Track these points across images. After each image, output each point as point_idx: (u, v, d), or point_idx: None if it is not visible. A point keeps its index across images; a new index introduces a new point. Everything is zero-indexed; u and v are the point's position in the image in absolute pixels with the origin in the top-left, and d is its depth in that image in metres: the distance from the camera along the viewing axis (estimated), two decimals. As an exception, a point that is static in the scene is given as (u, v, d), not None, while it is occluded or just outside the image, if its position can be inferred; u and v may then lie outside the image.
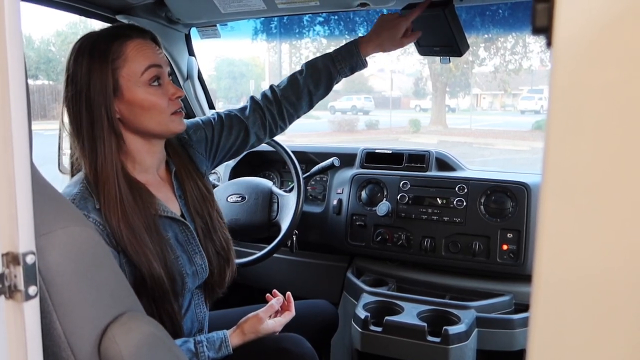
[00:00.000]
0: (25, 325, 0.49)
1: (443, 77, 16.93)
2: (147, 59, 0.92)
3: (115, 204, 0.87)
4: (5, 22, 0.45)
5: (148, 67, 0.91)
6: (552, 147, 0.31)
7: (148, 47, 0.93)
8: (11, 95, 0.46)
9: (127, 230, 0.87)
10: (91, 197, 0.87)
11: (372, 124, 16.81)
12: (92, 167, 0.88)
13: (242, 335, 1.03)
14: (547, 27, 0.30)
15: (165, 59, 0.97)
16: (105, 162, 0.88)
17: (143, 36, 0.94)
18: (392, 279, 1.45)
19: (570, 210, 0.31)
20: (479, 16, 1.47)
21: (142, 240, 0.88)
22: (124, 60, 0.90)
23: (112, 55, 0.90)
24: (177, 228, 0.98)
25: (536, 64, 19.64)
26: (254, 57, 27.64)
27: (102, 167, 0.88)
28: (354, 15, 1.58)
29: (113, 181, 0.88)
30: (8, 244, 0.48)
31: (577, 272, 0.31)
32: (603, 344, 0.31)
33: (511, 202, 1.35)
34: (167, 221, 0.97)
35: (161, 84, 0.94)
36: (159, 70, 0.93)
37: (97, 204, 0.87)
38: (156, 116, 0.93)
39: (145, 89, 0.91)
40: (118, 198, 0.88)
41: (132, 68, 0.91)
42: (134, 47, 0.91)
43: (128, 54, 0.91)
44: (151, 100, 0.92)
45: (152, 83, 0.92)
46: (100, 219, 0.87)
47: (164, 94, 0.93)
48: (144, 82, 0.91)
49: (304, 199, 1.42)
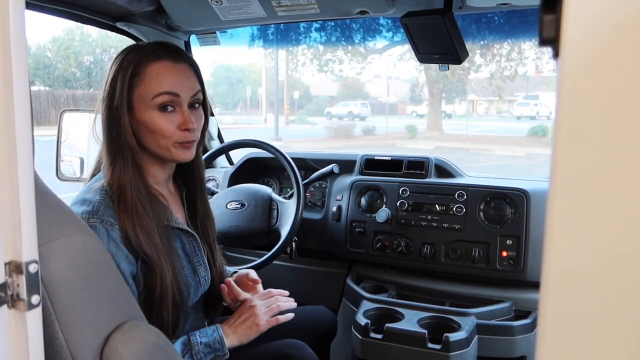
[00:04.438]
0: (27, 334, 0.48)
1: (439, 83, 17.03)
2: (164, 84, 0.91)
3: (133, 210, 0.88)
4: (10, 32, 0.45)
5: (161, 93, 0.91)
6: (560, 155, 0.31)
7: (172, 72, 0.92)
8: (15, 103, 0.46)
9: (143, 235, 0.88)
10: (113, 204, 0.89)
11: (369, 129, 16.87)
12: (113, 174, 0.90)
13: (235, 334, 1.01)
14: (554, 38, 0.31)
15: (192, 85, 0.94)
16: (124, 171, 0.90)
17: (175, 59, 0.93)
18: (391, 286, 1.44)
19: (578, 216, 0.31)
20: (475, 23, 1.48)
21: (157, 245, 0.90)
22: (141, 79, 0.91)
23: (134, 72, 0.91)
24: (185, 239, 1.00)
25: (531, 71, 19.79)
26: (251, 63, 27.74)
27: (120, 174, 0.90)
28: (351, 22, 1.59)
29: (130, 188, 0.89)
30: (11, 253, 0.48)
31: (586, 278, 0.32)
32: (613, 351, 0.31)
33: (510, 208, 1.35)
34: (176, 232, 0.98)
35: (175, 110, 0.93)
36: (173, 98, 0.92)
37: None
38: (159, 140, 0.92)
39: (153, 112, 0.91)
40: (135, 204, 0.89)
41: (145, 89, 0.91)
42: (156, 69, 0.91)
43: (147, 74, 0.91)
44: (156, 125, 0.91)
45: (163, 108, 0.91)
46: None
47: (172, 122, 0.92)
48: (154, 106, 0.91)
49: (303, 205, 1.42)
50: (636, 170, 0.29)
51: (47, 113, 13.82)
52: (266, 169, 1.84)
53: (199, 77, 0.98)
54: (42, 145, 1.98)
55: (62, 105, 13.58)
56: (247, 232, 1.47)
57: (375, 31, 1.65)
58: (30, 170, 0.48)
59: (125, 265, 0.86)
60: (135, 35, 1.47)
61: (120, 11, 1.35)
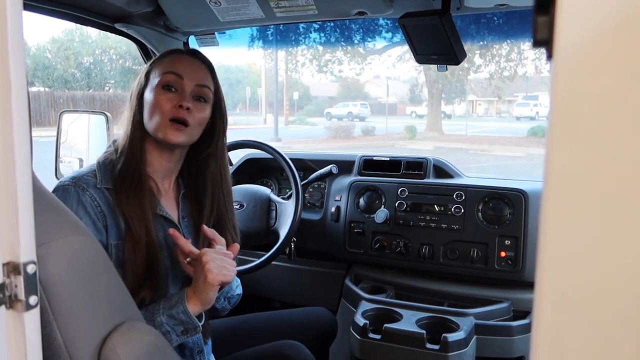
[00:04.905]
0: (25, 335, 0.48)
1: (439, 83, 17.04)
2: (172, 66, 0.98)
3: (130, 183, 0.93)
4: (8, 33, 0.45)
5: (167, 72, 0.97)
6: (554, 156, 0.32)
7: (185, 60, 1.00)
8: (13, 104, 0.47)
9: (136, 205, 0.92)
10: (95, 178, 0.93)
11: (368, 130, 16.88)
12: (122, 146, 0.97)
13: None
14: (547, 40, 0.31)
15: (200, 76, 1.00)
16: (131, 145, 0.97)
17: (193, 55, 1.03)
18: (390, 286, 1.44)
19: (572, 216, 0.32)
20: (474, 24, 1.48)
21: (147, 217, 0.93)
22: (158, 64, 1.00)
23: (157, 61, 1.01)
24: (167, 229, 0.97)
25: (531, 71, 19.81)
26: (250, 64, 27.76)
27: (127, 148, 0.97)
28: (350, 22, 1.59)
29: (132, 164, 0.95)
30: (9, 254, 0.48)
31: (580, 279, 0.32)
32: (606, 352, 0.31)
33: (509, 208, 1.35)
34: (160, 220, 0.98)
35: (177, 92, 0.97)
36: (177, 79, 0.97)
37: (100, 184, 0.92)
38: (155, 117, 0.96)
39: (157, 89, 0.97)
40: (133, 179, 0.94)
41: (157, 70, 0.99)
42: (173, 57, 1.01)
43: (164, 61, 1.00)
44: (156, 100, 0.96)
45: (166, 87, 0.97)
46: (97, 195, 0.91)
47: (170, 100, 0.96)
48: (159, 84, 0.97)
49: (302, 206, 1.42)
50: (629, 171, 0.30)
51: (46, 114, 13.83)
52: (265, 169, 1.84)
53: (214, 78, 1.04)
54: (42, 146, 1.98)
55: (62, 106, 13.59)
56: (246, 232, 1.47)
57: (374, 32, 1.65)
58: (28, 171, 0.48)
59: (91, 230, 0.88)
60: (133, 37, 1.47)
61: (119, 12, 1.35)
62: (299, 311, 1.38)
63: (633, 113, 0.29)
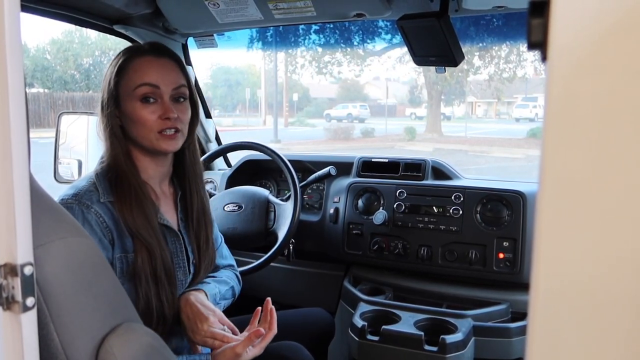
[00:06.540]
0: (22, 336, 0.48)
1: (438, 85, 17.05)
2: (145, 76, 0.95)
3: (130, 196, 0.93)
4: (6, 34, 0.46)
5: (141, 84, 0.95)
6: (549, 157, 0.32)
7: (153, 66, 0.96)
8: (10, 105, 0.47)
9: (141, 216, 0.92)
10: (97, 191, 0.92)
11: (368, 131, 16.89)
12: (109, 162, 0.96)
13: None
14: (542, 42, 0.31)
15: (174, 79, 0.98)
16: (117, 161, 0.95)
17: (158, 54, 0.98)
18: (388, 288, 1.44)
19: (567, 218, 0.32)
20: (473, 25, 1.49)
21: (154, 228, 0.94)
22: (125, 72, 0.96)
23: (120, 67, 0.97)
24: (169, 238, 1.00)
25: (530, 72, 19.82)
26: (250, 66, 27.80)
27: (114, 164, 0.95)
28: (349, 24, 1.60)
29: (126, 178, 0.95)
30: (6, 255, 0.48)
31: (575, 280, 0.32)
32: (601, 353, 0.31)
33: (507, 210, 1.35)
34: (162, 228, 0.99)
35: (157, 102, 0.96)
36: (154, 90, 0.95)
37: (103, 197, 0.92)
38: (142, 131, 0.96)
39: (135, 104, 0.95)
40: (132, 192, 0.94)
41: (128, 82, 0.96)
42: (139, 63, 0.96)
43: (131, 68, 0.96)
44: (138, 115, 0.95)
45: (145, 100, 0.95)
46: (102, 211, 0.91)
47: (153, 112, 0.95)
48: (136, 97, 0.95)
49: (300, 207, 1.42)
50: (624, 172, 0.30)
51: (46, 115, 13.82)
52: (264, 171, 1.84)
53: (184, 73, 1.01)
54: (41, 148, 1.97)
55: (61, 107, 13.60)
56: (245, 234, 1.47)
57: (373, 33, 1.65)
58: (25, 172, 0.48)
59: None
60: (133, 38, 1.47)
61: (118, 14, 1.35)
62: (295, 312, 1.38)
63: (627, 115, 0.30)
